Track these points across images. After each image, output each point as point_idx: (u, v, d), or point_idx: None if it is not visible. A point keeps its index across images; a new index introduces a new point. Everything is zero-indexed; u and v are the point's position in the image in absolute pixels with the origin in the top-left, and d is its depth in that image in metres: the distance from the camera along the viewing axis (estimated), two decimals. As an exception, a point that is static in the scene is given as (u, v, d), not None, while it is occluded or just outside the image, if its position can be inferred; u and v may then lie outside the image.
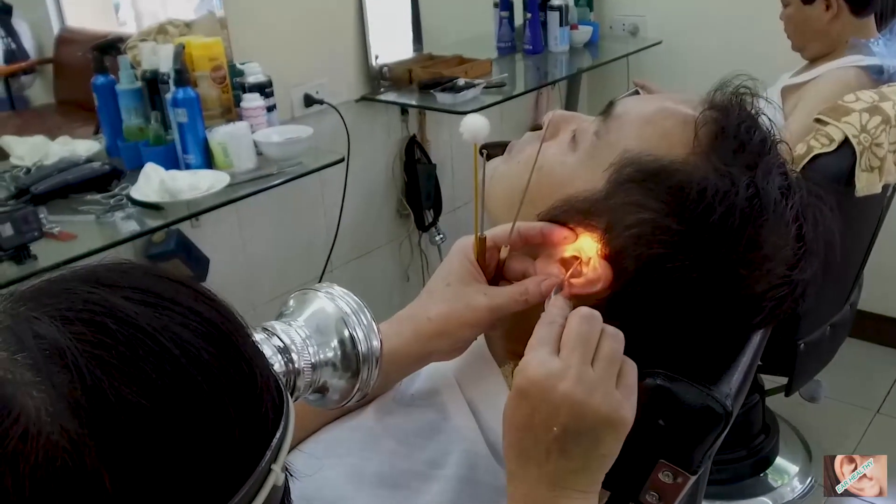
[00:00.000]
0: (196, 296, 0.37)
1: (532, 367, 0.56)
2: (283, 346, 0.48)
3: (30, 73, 2.08)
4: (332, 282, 1.91)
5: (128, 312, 0.33)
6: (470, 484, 0.65)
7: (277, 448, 0.35)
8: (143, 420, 0.31)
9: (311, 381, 0.49)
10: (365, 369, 0.51)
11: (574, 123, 0.72)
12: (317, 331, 0.50)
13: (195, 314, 0.35)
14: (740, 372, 0.66)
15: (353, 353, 0.50)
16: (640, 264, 0.62)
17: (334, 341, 0.50)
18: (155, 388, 0.31)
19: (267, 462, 0.34)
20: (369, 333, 0.51)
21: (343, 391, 0.51)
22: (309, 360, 0.48)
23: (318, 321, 0.50)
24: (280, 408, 0.37)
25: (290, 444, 0.70)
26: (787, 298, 0.65)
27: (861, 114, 1.57)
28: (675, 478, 0.65)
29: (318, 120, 2.10)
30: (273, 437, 0.35)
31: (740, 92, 0.66)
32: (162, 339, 0.32)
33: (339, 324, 0.50)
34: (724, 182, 0.61)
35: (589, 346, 0.57)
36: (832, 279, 1.79)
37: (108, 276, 0.35)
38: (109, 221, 1.53)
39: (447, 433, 0.68)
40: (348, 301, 0.52)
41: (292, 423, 0.37)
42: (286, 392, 0.38)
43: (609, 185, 0.65)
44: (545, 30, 2.65)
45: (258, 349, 0.38)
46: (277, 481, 0.35)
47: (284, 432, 0.36)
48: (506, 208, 0.72)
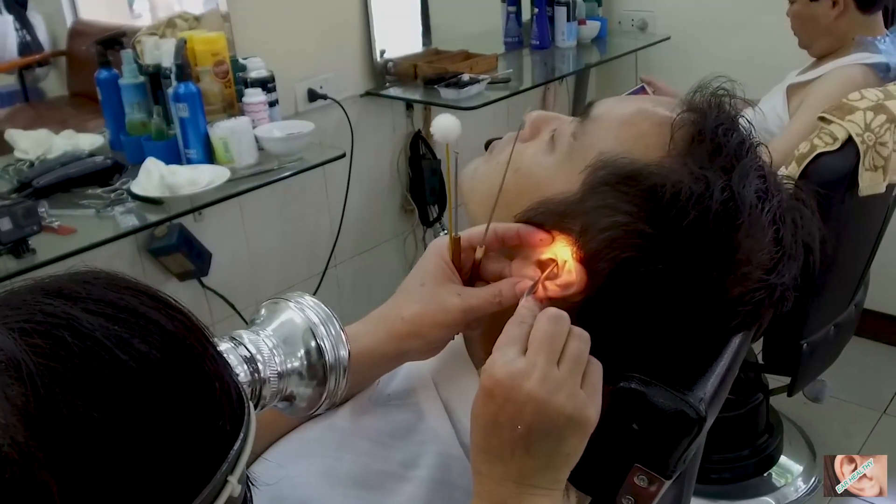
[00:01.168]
0: (158, 306, 0.37)
1: (498, 366, 0.57)
2: (249, 355, 0.48)
3: (44, 66, 2.09)
4: (336, 276, 1.91)
5: (85, 325, 0.33)
6: (443, 485, 0.65)
7: (235, 460, 0.35)
8: (93, 432, 0.31)
9: (278, 389, 0.49)
10: (332, 378, 0.51)
11: (553, 124, 0.71)
12: (284, 341, 0.50)
13: (154, 325, 0.35)
14: (717, 377, 0.66)
15: (319, 362, 0.50)
16: (613, 267, 0.62)
17: (301, 351, 0.50)
18: (107, 400, 0.32)
19: (223, 474, 0.34)
20: (337, 343, 0.51)
21: (310, 399, 0.52)
22: (275, 369, 0.49)
23: (286, 331, 0.51)
24: (240, 419, 0.37)
25: (266, 445, 0.71)
26: (764, 302, 0.64)
27: (865, 112, 1.55)
28: (650, 482, 0.64)
29: (322, 115, 2.10)
30: (230, 449, 0.35)
31: (718, 94, 0.65)
32: (118, 352, 0.33)
33: (307, 334, 0.51)
34: (699, 185, 0.60)
35: (555, 346, 0.57)
36: (836, 279, 1.77)
37: (70, 288, 0.36)
38: (109, 216, 1.54)
39: (421, 434, 0.68)
40: (317, 311, 0.52)
41: (252, 434, 0.37)
42: (248, 403, 0.38)
43: (584, 188, 0.64)
44: (552, 25, 2.64)
45: (221, 360, 0.38)
46: (234, 493, 0.35)
47: (243, 444, 0.36)
48: (485, 209, 0.72)
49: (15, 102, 2.08)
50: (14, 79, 2.04)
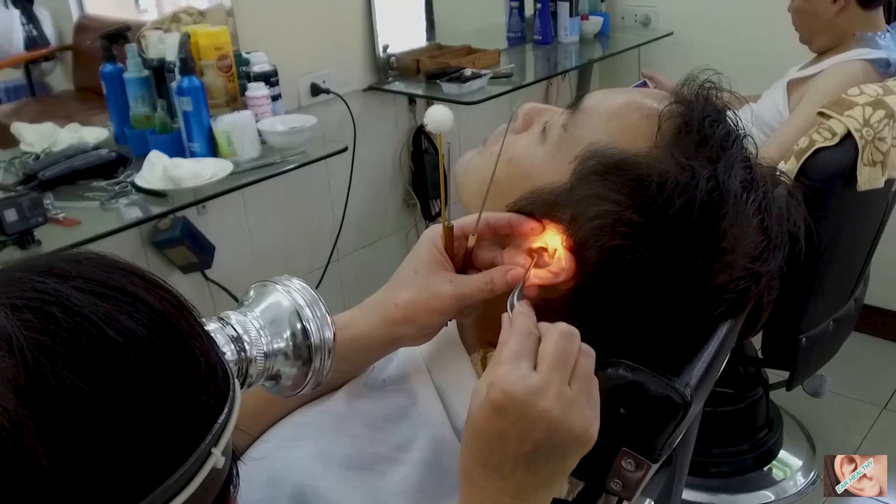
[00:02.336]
0: (148, 286, 0.38)
1: (511, 381, 0.55)
2: (236, 335, 0.50)
3: (50, 60, 2.11)
4: (339, 269, 1.92)
5: (74, 302, 0.35)
6: (436, 468, 0.67)
7: (219, 432, 0.37)
8: (81, 403, 0.32)
9: (265, 368, 0.51)
10: (317, 359, 0.52)
11: (545, 116, 0.73)
12: (271, 322, 0.52)
13: (143, 304, 0.36)
14: (703, 363, 0.67)
15: (304, 343, 0.52)
16: (602, 255, 0.63)
17: (287, 332, 0.52)
18: (95, 373, 0.33)
19: (207, 445, 0.36)
20: (322, 325, 0.53)
21: (295, 379, 0.53)
22: (262, 349, 0.50)
23: (273, 313, 0.52)
24: (224, 394, 0.38)
25: (264, 428, 0.72)
26: (749, 290, 0.65)
27: (864, 108, 1.56)
28: (637, 466, 0.66)
29: (325, 109, 2.11)
30: (215, 423, 0.37)
31: (706, 87, 0.67)
32: (105, 328, 0.34)
33: (293, 316, 0.52)
34: (685, 175, 0.62)
35: (568, 363, 0.57)
36: (834, 274, 1.78)
37: (61, 267, 0.37)
38: (113, 208, 1.55)
39: (415, 418, 0.69)
40: (304, 294, 0.53)
41: (237, 408, 0.39)
42: (234, 380, 0.40)
43: (574, 178, 0.66)
44: (555, 20, 2.65)
45: (207, 338, 0.40)
46: (217, 464, 0.36)
47: (228, 418, 0.38)
48: (478, 198, 0.73)
49: (21, 96, 2.10)
50: (20, 73, 2.06)
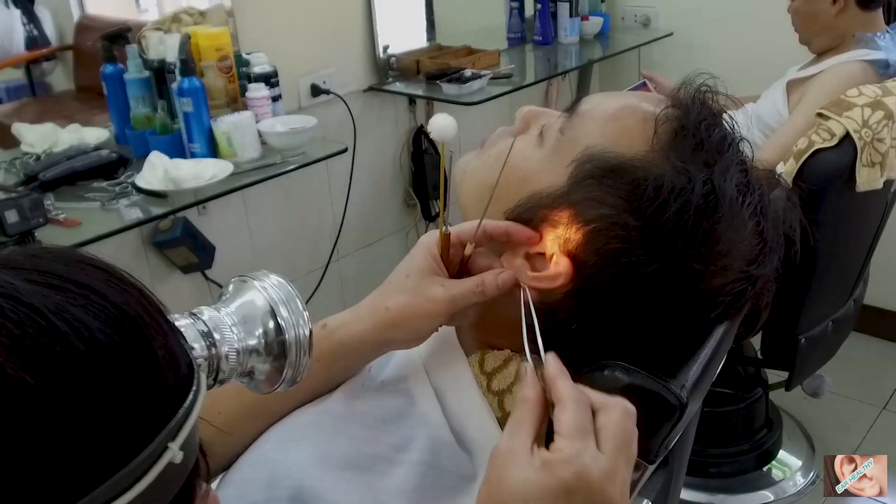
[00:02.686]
0: (108, 279, 0.38)
1: (585, 463, 0.51)
2: (207, 330, 0.49)
3: (51, 60, 2.11)
4: (339, 270, 1.91)
5: (23, 293, 0.34)
6: (433, 469, 0.67)
7: (177, 428, 0.36)
8: (26, 396, 0.32)
9: (237, 365, 0.50)
10: (292, 355, 0.52)
11: (543, 119, 0.73)
12: (244, 319, 0.51)
13: (99, 295, 0.36)
14: (699, 365, 0.67)
15: (276, 340, 0.51)
16: (598, 258, 0.64)
17: (259, 329, 0.51)
18: (41, 365, 0.32)
19: (163, 439, 0.35)
20: (297, 322, 0.52)
21: (270, 376, 0.52)
22: (233, 345, 0.50)
23: (247, 310, 0.52)
24: (187, 388, 0.38)
25: (260, 429, 0.72)
26: (745, 293, 0.66)
27: (863, 109, 1.56)
28: (633, 466, 0.66)
29: (325, 110, 2.12)
30: (173, 416, 0.36)
31: (702, 90, 0.67)
32: (54, 319, 0.34)
33: (267, 313, 0.52)
34: (681, 179, 0.62)
35: (632, 448, 0.55)
36: (833, 275, 1.78)
37: (16, 260, 0.37)
38: (114, 209, 1.56)
39: (413, 419, 0.70)
40: (279, 291, 0.53)
41: (199, 403, 0.38)
42: (198, 375, 0.39)
43: (571, 181, 0.66)
44: (555, 21, 2.65)
45: (172, 332, 0.39)
46: (175, 459, 0.36)
47: (188, 413, 0.37)
48: (475, 201, 0.74)
49: (22, 96, 2.10)
50: (21, 73, 2.06)
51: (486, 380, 0.70)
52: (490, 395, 0.70)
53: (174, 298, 1.92)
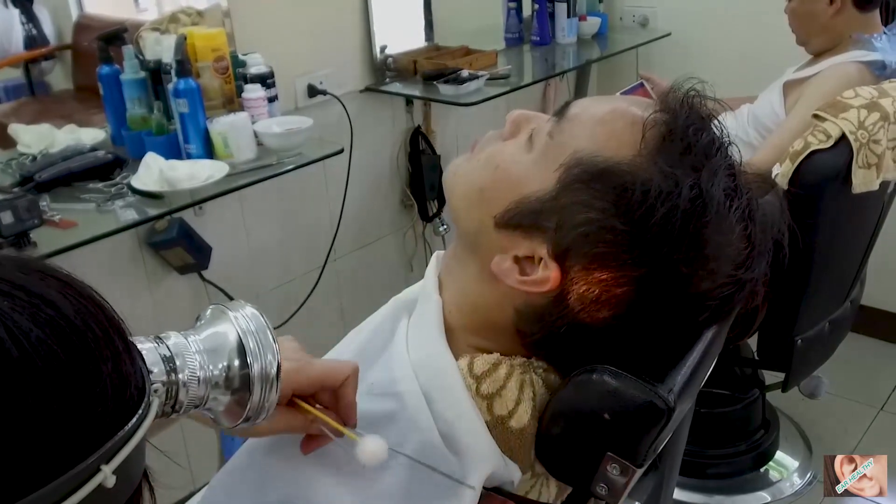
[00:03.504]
0: (65, 290, 0.37)
1: None
2: (169, 355, 0.48)
3: (49, 59, 2.11)
4: (336, 270, 1.91)
5: None
6: (423, 472, 0.67)
7: (115, 450, 0.35)
8: None
9: (198, 396, 0.49)
10: (257, 391, 0.51)
11: (533, 123, 0.73)
12: (212, 348, 0.50)
13: (49, 305, 0.35)
14: (688, 368, 0.68)
15: (241, 373, 0.51)
16: (587, 262, 0.64)
17: (223, 363, 0.50)
18: None
19: (95, 460, 0.34)
20: (265, 356, 0.51)
21: (231, 409, 0.51)
22: (195, 373, 0.49)
23: (215, 341, 0.51)
24: (131, 411, 0.36)
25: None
26: (733, 297, 0.66)
27: (859, 110, 1.56)
28: (622, 470, 0.66)
29: (322, 110, 2.12)
30: (110, 438, 0.35)
31: (690, 95, 0.67)
32: None
33: (234, 348, 0.51)
34: (668, 183, 0.62)
35: None
36: (829, 276, 1.78)
37: None
38: (110, 210, 1.56)
39: (403, 423, 0.70)
40: (251, 322, 0.52)
41: (143, 429, 0.37)
42: (149, 399, 0.38)
43: (559, 185, 0.66)
44: (553, 21, 2.65)
45: (128, 351, 0.38)
46: (107, 483, 0.34)
47: (129, 436, 0.36)
48: (466, 205, 0.74)
49: (21, 96, 2.10)
50: (20, 72, 2.06)
51: (475, 383, 0.70)
52: (479, 398, 0.70)
53: (170, 299, 1.92)
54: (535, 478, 0.74)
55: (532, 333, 0.71)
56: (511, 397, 0.70)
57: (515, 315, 0.71)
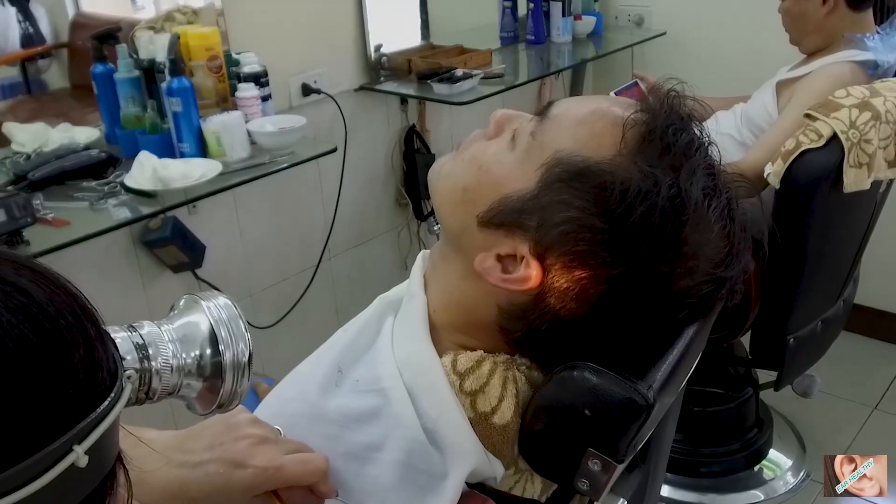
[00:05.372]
0: (37, 279, 0.37)
1: None
2: (142, 343, 0.49)
3: (46, 58, 2.11)
4: (330, 269, 1.91)
5: None
6: (406, 468, 0.68)
7: (87, 431, 0.35)
8: None
9: (171, 383, 0.50)
10: (229, 378, 0.52)
11: (516, 123, 0.74)
12: (184, 337, 0.51)
13: (22, 293, 0.36)
14: (668, 365, 0.68)
15: (212, 361, 0.52)
16: (567, 261, 0.64)
17: (196, 351, 0.51)
18: None
19: (67, 440, 0.34)
20: (237, 344, 0.52)
21: (204, 396, 0.53)
22: (168, 361, 0.50)
23: (188, 330, 0.52)
24: (101, 394, 0.37)
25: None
26: (713, 295, 0.66)
27: (850, 109, 1.56)
28: (603, 466, 0.67)
29: (316, 109, 2.12)
30: (82, 419, 0.35)
31: (671, 95, 0.67)
32: None
33: (207, 334, 0.52)
34: (647, 182, 0.63)
35: None
36: (821, 275, 1.79)
37: None
38: (102, 208, 1.56)
39: (387, 419, 0.70)
40: (223, 312, 0.53)
41: (116, 410, 0.38)
42: (122, 383, 0.39)
43: (540, 185, 0.67)
44: (548, 20, 2.65)
45: (100, 337, 0.39)
46: (79, 462, 0.35)
47: (101, 418, 0.36)
48: (450, 205, 0.75)
49: (18, 94, 2.09)
50: (17, 71, 2.06)
51: (459, 380, 0.71)
52: (462, 395, 0.70)
53: (164, 298, 1.92)
54: (518, 473, 0.75)
55: (515, 331, 0.71)
56: (494, 394, 0.70)
57: (498, 313, 0.72)
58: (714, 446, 2.18)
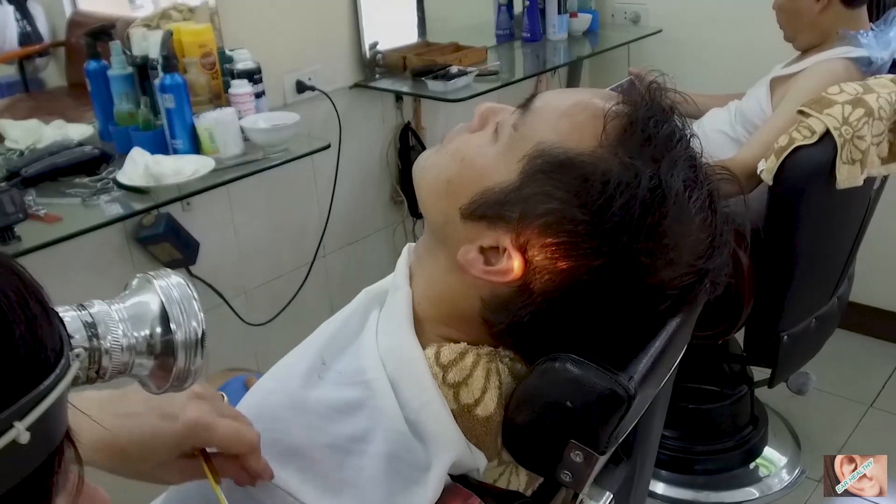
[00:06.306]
0: None
1: None
2: (91, 321, 0.49)
3: (44, 56, 2.11)
4: (325, 266, 1.90)
5: None
6: (389, 459, 0.68)
7: (29, 407, 0.35)
8: None
9: (122, 362, 0.50)
10: (181, 357, 0.52)
11: (499, 115, 0.74)
12: (135, 316, 0.51)
13: None
14: (650, 357, 0.68)
15: (163, 340, 0.51)
16: (548, 252, 0.64)
17: (146, 330, 0.51)
18: None
19: (6, 417, 0.34)
20: (189, 322, 0.52)
21: (156, 374, 0.52)
22: (118, 340, 0.50)
23: (139, 309, 0.52)
24: (44, 371, 0.37)
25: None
26: (694, 287, 0.66)
27: (843, 106, 1.56)
28: (585, 457, 0.67)
29: (310, 106, 2.12)
30: (24, 396, 0.35)
31: (652, 87, 0.67)
32: None
33: (157, 313, 0.52)
34: (628, 174, 0.63)
35: None
36: (815, 272, 1.79)
37: None
38: (95, 204, 1.56)
39: (370, 410, 0.70)
40: (176, 291, 0.53)
41: (61, 388, 0.38)
42: (67, 360, 0.39)
43: (522, 176, 0.67)
44: (544, 17, 2.65)
45: (45, 315, 0.38)
46: (20, 439, 0.35)
47: (43, 395, 0.36)
48: (434, 197, 0.75)
49: (15, 92, 2.10)
50: (14, 69, 2.06)
51: (442, 372, 0.71)
52: (445, 387, 0.71)
53: (158, 294, 1.92)
54: (503, 465, 0.75)
55: (498, 323, 0.71)
56: (477, 386, 0.70)
57: (482, 305, 0.72)
58: (709, 443, 2.18)
